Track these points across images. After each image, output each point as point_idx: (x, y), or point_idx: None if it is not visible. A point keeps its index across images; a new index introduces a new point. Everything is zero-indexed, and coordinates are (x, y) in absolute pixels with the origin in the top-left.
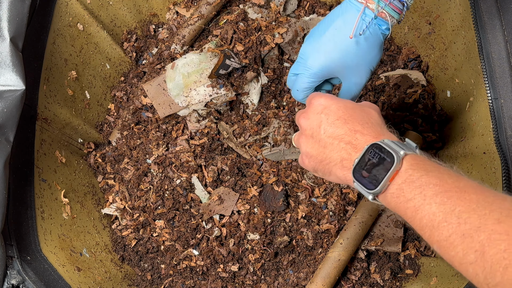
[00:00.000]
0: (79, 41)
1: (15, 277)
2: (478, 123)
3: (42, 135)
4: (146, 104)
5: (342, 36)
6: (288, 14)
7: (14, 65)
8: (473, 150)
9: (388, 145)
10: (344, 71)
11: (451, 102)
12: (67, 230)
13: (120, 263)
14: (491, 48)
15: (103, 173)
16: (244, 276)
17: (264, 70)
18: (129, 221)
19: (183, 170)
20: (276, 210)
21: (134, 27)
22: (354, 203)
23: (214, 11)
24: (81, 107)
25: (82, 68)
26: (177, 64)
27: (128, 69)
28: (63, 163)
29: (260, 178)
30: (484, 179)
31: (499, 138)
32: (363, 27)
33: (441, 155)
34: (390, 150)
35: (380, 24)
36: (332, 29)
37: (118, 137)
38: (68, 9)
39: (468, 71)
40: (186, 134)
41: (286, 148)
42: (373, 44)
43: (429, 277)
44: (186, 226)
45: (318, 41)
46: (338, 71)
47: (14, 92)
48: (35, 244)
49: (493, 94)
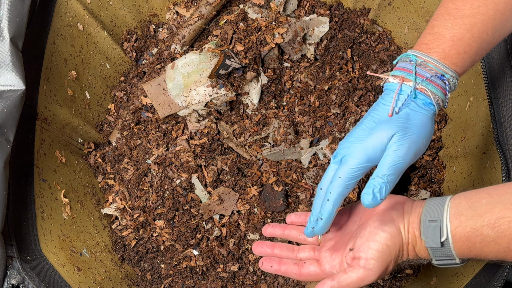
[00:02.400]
0: (79, 41)
1: (15, 277)
2: (478, 123)
3: (42, 135)
4: (146, 104)
5: (382, 117)
6: (288, 14)
7: (14, 65)
8: (473, 150)
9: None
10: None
11: (451, 102)
12: (67, 230)
13: (120, 263)
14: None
15: (103, 173)
16: (244, 276)
17: (264, 70)
18: (129, 221)
19: (183, 170)
20: (276, 210)
21: (134, 27)
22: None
23: (214, 11)
24: (81, 107)
25: (82, 68)
26: (177, 64)
27: (128, 69)
28: (63, 163)
29: (260, 178)
30: (484, 179)
31: (499, 138)
32: (401, 102)
33: (441, 155)
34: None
35: (424, 100)
36: (370, 116)
37: (118, 137)
38: (68, 9)
39: (468, 71)
40: (186, 134)
41: (286, 148)
42: (416, 121)
43: (429, 277)
44: (186, 226)
45: (354, 132)
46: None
47: (14, 92)
48: (35, 244)
49: (493, 94)
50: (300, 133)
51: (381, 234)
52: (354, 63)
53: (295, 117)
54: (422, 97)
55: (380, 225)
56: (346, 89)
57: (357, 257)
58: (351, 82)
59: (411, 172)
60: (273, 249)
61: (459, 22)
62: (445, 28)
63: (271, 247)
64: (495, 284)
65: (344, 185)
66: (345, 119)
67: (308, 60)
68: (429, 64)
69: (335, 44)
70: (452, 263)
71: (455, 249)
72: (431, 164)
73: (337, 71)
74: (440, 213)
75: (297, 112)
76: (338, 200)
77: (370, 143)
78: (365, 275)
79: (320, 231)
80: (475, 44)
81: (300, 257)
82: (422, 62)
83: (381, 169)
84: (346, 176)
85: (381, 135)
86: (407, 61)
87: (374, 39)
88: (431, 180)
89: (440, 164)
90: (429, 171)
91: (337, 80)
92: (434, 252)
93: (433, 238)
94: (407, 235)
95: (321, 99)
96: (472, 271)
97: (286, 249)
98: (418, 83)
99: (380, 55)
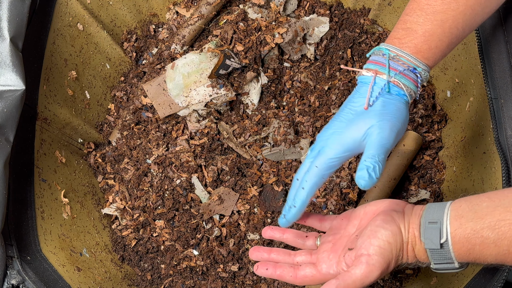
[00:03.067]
0: (79, 41)
1: (15, 277)
2: (478, 123)
3: (42, 135)
4: (146, 104)
5: (359, 108)
6: (288, 14)
7: (14, 65)
8: (473, 150)
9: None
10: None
11: (451, 102)
12: (67, 230)
13: (120, 263)
14: (491, 48)
15: (103, 173)
16: (244, 276)
17: (264, 70)
18: (129, 221)
19: (183, 170)
20: (276, 210)
21: (134, 27)
22: (354, 203)
23: (214, 11)
24: (81, 107)
25: (82, 68)
26: (177, 64)
27: (128, 69)
28: (63, 163)
29: (260, 178)
30: (484, 179)
31: (499, 138)
32: (376, 94)
33: (441, 155)
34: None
35: (397, 92)
36: (347, 108)
37: (118, 137)
38: (68, 9)
39: (468, 71)
40: (186, 134)
41: (286, 148)
42: (392, 109)
43: (429, 277)
44: (186, 226)
45: (332, 124)
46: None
47: (14, 92)
48: (35, 244)
49: (493, 94)
50: (300, 133)
51: (383, 231)
52: (354, 63)
53: (295, 117)
54: (396, 89)
55: (381, 223)
56: (346, 89)
57: (359, 254)
58: (351, 82)
59: (411, 172)
60: (270, 254)
61: (430, 18)
62: (417, 24)
63: (268, 252)
64: (495, 284)
65: (321, 174)
66: None
67: (308, 60)
68: (401, 58)
69: (335, 44)
70: (450, 267)
71: (454, 251)
72: (431, 164)
73: (337, 71)
74: (440, 215)
75: (297, 112)
76: (313, 189)
77: (348, 134)
78: (368, 270)
79: (291, 218)
80: (446, 39)
81: (296, 261)
82: (395, 56)
83: (370, 151)
84: (323, 166)
85: (360, 126)
86: (380, 54)
87: (374, 39)
88: (431, 180)
89: (440, 164)
90: (429, 171)
91: (337, 80)
92: (433, 255)
93: (432, 240)
94: (407, 235)
95: (321, 99)
96: (472, 272)
97: (283, 253)
98: (391, 76)
99: None
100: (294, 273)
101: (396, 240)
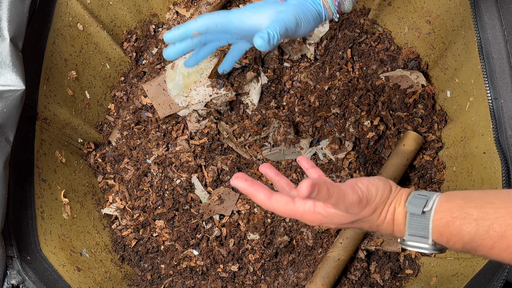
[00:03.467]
0: (79, 41)
1: (15, 277)
2: (478, 123)
3: (42, 135)
4: (146, 104)
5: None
6: None
7: (14, 65)
8: (473, 150)
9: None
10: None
11: (451, 102)
12: (67, 230)
13: (120, 263)
14: (491, 48)
15: (103, 173)
16: (244, 276)
17: (264, 70)
18: (129, 221)
19: (183, 170)
20: None
21: (134, 27)
22: None
23: (214, 11)
24: (81, 107)
25: (82, 68)
26: (177, 64)
27: (128, 69)
28: (63, 163)
29: (260, 178)
30: (484, 179)
31: (499, 138)
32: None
33: (441, 155)
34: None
35: (316, 2)
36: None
37: (118, 137)
38: (68, 9)
39: (468, 71)
40: (186, 134)
41: (286, 148)
42: (303, 9)
43: (429, 277)
44: (186, 226)
45: (248, 7)
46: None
47: (14, 92)
48: (35, 244)
49: (493, 94)
50: (300, 133)
51: (375, 178)
52: (354, 63)
53: (295, 117)
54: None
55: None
56: (346, 89)
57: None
58: (351, 82)
59: (411, 172)
60: (276, 176)
61: None
62: None
63: (275, 174)
64: (495, 284)
65: (211, 16)
66: (345, 119)
67: (308, 60)
68: None
69: (335, 44)
70: (423, 242)
71: (434, 220)
72: (431, 164)
73: (337, 71)
74: (431, 193)
75: (297, 112)
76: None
77: (255, 18)
78: (346, 187)
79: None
80: None
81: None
82: None
83: (273, 24)
84: (223, 15)
85: (269, 11)
86: None
87: (374, 39)
88: (431, 180)
89: (440, 164)
90: (429, 171)
91: (337, 80)
92: (411, 221)
93: (416, 205)
94: (395, 196)
95: (321, 99)
96: (472, 271)
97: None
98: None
99: (380, 55)
100: (269, 194)
101: (384, 189)
